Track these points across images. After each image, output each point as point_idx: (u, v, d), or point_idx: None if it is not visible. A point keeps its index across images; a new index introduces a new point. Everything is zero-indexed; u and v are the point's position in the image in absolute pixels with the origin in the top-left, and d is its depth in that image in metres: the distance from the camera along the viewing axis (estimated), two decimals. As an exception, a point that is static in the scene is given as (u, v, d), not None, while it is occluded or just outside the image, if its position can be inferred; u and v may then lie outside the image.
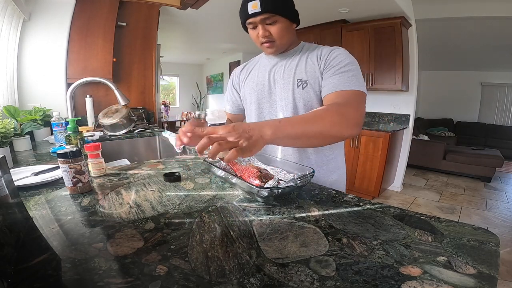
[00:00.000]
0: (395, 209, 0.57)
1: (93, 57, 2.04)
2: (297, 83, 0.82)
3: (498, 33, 3.38)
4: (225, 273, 0.37)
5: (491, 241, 0.44)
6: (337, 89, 0.73)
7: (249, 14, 0.74)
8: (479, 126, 5.41)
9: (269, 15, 0.74)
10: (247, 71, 0.97)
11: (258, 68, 0.93)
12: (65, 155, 0.63)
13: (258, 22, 0.76)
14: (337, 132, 0.62)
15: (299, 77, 0.82)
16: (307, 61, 0.82)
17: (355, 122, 0.65)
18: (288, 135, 0.57)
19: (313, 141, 0.62)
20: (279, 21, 0.76)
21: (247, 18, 0.77)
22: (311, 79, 0.81)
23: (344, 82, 0.72)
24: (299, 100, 0.83)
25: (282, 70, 0.86)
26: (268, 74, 0.88)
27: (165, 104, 6.07)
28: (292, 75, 0.83)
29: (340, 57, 0.77)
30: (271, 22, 0.76)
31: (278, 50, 0.83)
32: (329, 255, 0.41)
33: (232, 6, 2.78)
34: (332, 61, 0.77)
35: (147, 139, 1.73)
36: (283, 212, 0.56)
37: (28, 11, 1.72)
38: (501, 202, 2.91)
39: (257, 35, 0.79)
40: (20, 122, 1.32)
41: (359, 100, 0.71)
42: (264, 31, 0.77)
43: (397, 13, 2.62)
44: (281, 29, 0.77)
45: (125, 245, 0.43)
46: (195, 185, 0.74)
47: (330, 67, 0.77)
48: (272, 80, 0.88)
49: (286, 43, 0.82)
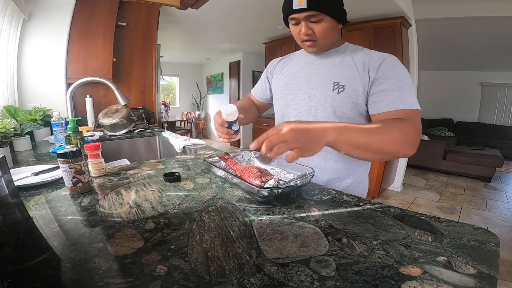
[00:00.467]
0: (395, 209, 0.57)
1: (93, 57, 2.04)
2: (334, 86, 0.76)
3: (498, 33, 3.38)
4: (225, 273, 0.37)
5: (491, 241, 0.44)
6: (397, 108, 0.67)
7: (294, 9, 0.69)
8: (479, 126, 5.42)
9: (315, 13, 0.68)
10: (283, 65, 0.94)
11: (295, 64, 0.89)
12: (65, 155, 0.63)
13: (301, 19, 0.71)
14: (397, 150, 0.61)
15: (337, 80, 0.76)
16: (349, 65, 0.76)
17: (414, 143, 0.62)
18: (350, 141, 0.56)
19: (370, 154, 0.60)
20: (325, 20, 0.70)
21: (291, 13, 0.71)
22: (349, 85, 0.74)
23: (403, 99, 0.67)
24: (331, 104, 0.77)
25: (320, 69, 0.81)
26: (304, 71, 0.84)
27: (165, 104, 6.07)
28: (329, 77, 0.78)
29: (395, 69, 0.70)
30: (316, 20, 0.70)
31: (320, 50, 0.79)
32: (329, 255, 0.41)
33: (232, 6, 2.79)
34: (387, 73, 0.70)
35: (147, 139, 1.73)
36: (283, 212, 0.56)
37: (28, 11, 1.72)
38: (501, 202, 2.91)
39: (299, 32, 0.74)
40: (20, 122, 1.32)
41: (418, 120, 0.67)
42: (307, 29, 0.71)
43: (397, 13, 2.62)
44: (326, 29, 0.71)
45: (125, 245, 0.43)
46: (195, 185, 0.74)
47: (385, 79, 0.69)
48: (306, 78, 0.83)
49: (329, 43, 0.77)
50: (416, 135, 0.64)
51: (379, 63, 0.71)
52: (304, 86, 0.83)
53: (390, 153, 0.62)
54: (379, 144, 0.59)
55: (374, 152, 0.60)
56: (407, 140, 0.61)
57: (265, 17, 3.13)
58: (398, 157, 0.65)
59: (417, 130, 0.65)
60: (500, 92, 5.25)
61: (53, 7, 1.82)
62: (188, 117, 6.58)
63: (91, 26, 2.01)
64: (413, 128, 0.63)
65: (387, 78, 0.69)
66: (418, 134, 0.64)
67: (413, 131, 0.63)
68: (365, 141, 0.58)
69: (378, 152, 0.61)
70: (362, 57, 0.75)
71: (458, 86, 5.53)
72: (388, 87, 0.69)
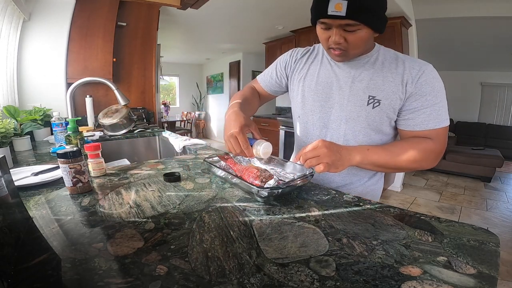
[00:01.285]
0: (395, 209, 0.57)
1: (93, 57, 2.04)
2: (369, 100, 0.70)
3: (498, 33, 3.38)
4: (225, 273, 0.37)
5: (491, 241, 0.44)
6: (427, 128, 0.67)
7: (328, 14, 0.59)
8: (479, 126, 5.42)
9: (354, 22, 0.59)
10: (307, 63, 0.83)
11: (321, 65, 0.80)
12: (65, 155, 0.63)
13: (335, 25, 0.61)
14: (415, 167, 0.69)
15: (372, 94, 0.70)
16: (385, 76, 0.69)
17: (435, 159, 0.68)
18: (371, 162, 0.66)
19: (390, 170, 0.71)
20: (362, 30, 0.61)
21: (323, 17, 0.61)
22: (385, 100, 0.69)
23: (435, 118, 0.67)
24: (364, 119, 0.72)
25: (351, 78, 0.73)
26: (333, 78, 0.76)
27: (165, 104, 6.07)
28: (363, 88, 0.71)
29: (432, 84, 0.66)
30: (352, 30, 0.61)
31: (348, 60, 0.72)
32: (329, 255, 0.41)
33: (232, 6, 2.79)
34: (424, 89, 0.66)
35: (147, 139, 1.73)
36: (283, 212, 0.56)
37: (28, 11, 1.72)
38: (501, 202, 2.91)
39: (328, 38, 0.65)
40: (20, 122, 1.32)
41: (445, 135, 0.69)
42: (340, 37, 0.62)
43: (397, 13, 2.62)
44: (361, 40, 0.63)
45: (125, 245, 0.43)
46: (195, 185, 0.74)
47: (421, 96, 0.66)
48: (336, 86, 0.76)
49: (360, 53, 0.70)
50: (439, 152, 0.68)
51: (418, 76, 0.66)
52: (335, 95, 0.76)
53: (409, 169, 0.71)
54: (399, 164, 0.67)
55: (394, 169, 0.70)
56: (427, 159, 0.67)
57: (265, 17, 3.13)
58: (417, 170, 0.76)
59: (442, 147, 0.68)
60: (500, 92, 5.25)
61: (53, 7, 1.82)
62: (188, 117, 6.59)
63: (91, 26, 2.01)
64: (437, 146, 0.67)
65: (423, 95, 0.66)
66: (441, 151, 0.68)
67: (436, 150, 0.67)
68: (386, 162, 0.66)
69: (397, 169, 0.70)
70: (399, 68, 0.69)
71: (458, 86, 5.53)
72: (422, 105, 0.67)
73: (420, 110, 0.67)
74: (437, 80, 0.67)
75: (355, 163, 0.64)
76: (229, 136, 0.65)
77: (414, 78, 0.66)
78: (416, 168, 0.70)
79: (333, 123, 0.78)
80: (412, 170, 0.73)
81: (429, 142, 0.67)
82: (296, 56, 0.87)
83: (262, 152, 0.66)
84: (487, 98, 5.43)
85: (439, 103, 0.67)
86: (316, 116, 0.80)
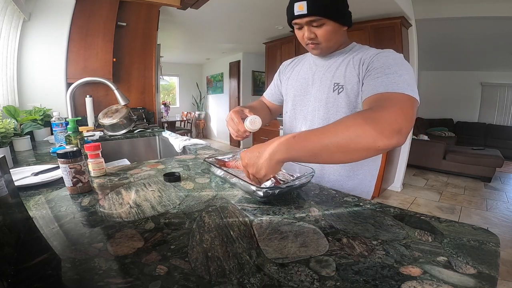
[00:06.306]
0: (395, 209, 0.57)
1: (93, 57, 2.04)
2: (334, 86, 0.77)
3: (498, 33, 3.38)
4: (225, 273, 0.37)
5: (491, 241, 0.44)
6: (377, 91, 0.60)
7: (295, 15, 0.70)
8: (479, 126, 5.42)
9: (316, 18, 0.69)
10: (293, 67, 0.95)
11: (303, 65, 0.91)
12: (65, 155, 0.63)
13: (304, 23, 0.72)
14: (366, 143, 0.49)
15: (337, 81, 0.77)
16: (348, 64, 0.76)
17: (391, 129, 0.50)
18: (304, 150, 0.51)
19: (338, 156, 0.51)
20: (327, 24, 0.70)
21: (293, 19, 0.73)
22: (348, 85, 0.74)
23: (387, 84, 0.60)
24: (332, 105, 0.78)
25: (323, 71, 0.82)
26: (310, 73, 0.86)
27: (165, 104, 6.07)
28: (330, 78, 0.79)
29: (386, 59, 0.66)
30: (317, 25, 0.71)
31: (324, 53, 0.79)
32: (329, 255, 0.41)
33: (232, 6, 2.79)
34: (376, 63, 0.67)
35: (147, 139, 1.73)
36: (283, 212, 0.56)
37: (28, 11, 1.72)
38: (501, 202, 2.91)
39: (303, 35, 0.75)
40: (20, 122, 1.32)
41: (404, 104, 0.56)
42: (310, 33, 0.73)
43: (397, 13, 2.62)
44: (328, 32, 0.72)
45: (125, 245, 0.43)
46: (195, 185, 0.74)
47: (373, 69, 0.67)
48: (311, 80, 0.85)
49: (333, 45, 0.77)
50: (396, 120, 0.51)
51: (373, 56, 0.70)
52: (310, 88, 0.85)
53: (360, 148, 0.50)
54: (339, 142, 0.50)
55: (341, 152, 0.51)
56: (380, 128, 0.49)
57: (265, 17, 3.13)
58: (378, 149, 0.50)
59: (398, 115, 0.52)
60: (500, 92, 5.25)
61: (53, 7, 1.82)
62: (188, 117, 6.58)
63: (91, 26, 2.00)
64: (388, 113, 0.52)
65: (375, 68, 0.66)
66: (401, 120, 0.51)
67: (388, 116, 0.51)
68: (321, 144, 0.50)
69: (344, 151, 0.50)
70: (361, 54, 0.74)
71: (458, 86, 5.53)
72: (375, 75, 0.64)
73: (373, 80, 0.64)
74: (393, 57, 0.66)
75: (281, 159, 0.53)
76: (227, 118, 0.79)
77: (369, 57, 0.70)
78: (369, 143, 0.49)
79: (310, 114, 0.85)
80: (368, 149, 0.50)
81: (376, 109, 0.55)
82: (285, 65, 1.00)
83: (248, 122, 0.73)
84: (487, 98, 5.43)
85: (395, 73, 0.61)
86: (298, 109, 0.89)
